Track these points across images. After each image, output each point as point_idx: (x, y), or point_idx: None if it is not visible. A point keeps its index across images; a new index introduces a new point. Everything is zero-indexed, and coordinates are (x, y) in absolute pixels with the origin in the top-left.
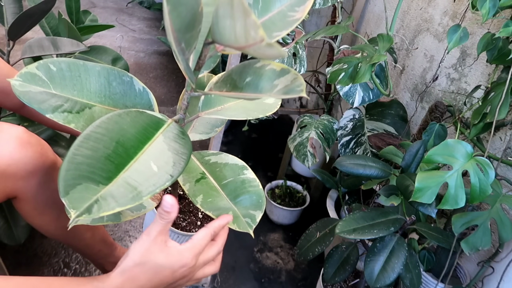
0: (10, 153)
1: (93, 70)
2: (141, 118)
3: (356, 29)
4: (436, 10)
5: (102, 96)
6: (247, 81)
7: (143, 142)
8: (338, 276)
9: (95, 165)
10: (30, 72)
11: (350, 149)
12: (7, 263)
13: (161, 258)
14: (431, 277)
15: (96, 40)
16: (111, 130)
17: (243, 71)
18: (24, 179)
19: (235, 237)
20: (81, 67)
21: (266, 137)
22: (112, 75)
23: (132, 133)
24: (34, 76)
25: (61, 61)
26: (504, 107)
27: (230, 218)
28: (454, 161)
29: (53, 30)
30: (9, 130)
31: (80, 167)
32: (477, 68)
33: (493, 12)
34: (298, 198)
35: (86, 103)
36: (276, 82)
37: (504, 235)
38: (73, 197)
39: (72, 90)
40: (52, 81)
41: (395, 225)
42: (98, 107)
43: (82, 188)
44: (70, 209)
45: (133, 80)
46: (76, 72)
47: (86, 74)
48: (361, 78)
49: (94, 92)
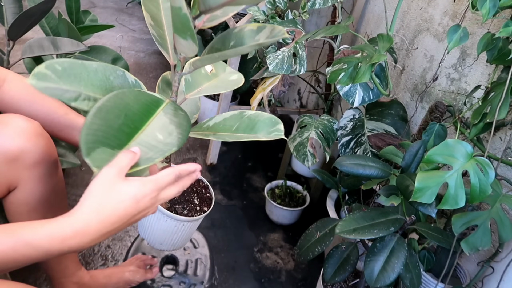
0: (25, 141)
1: (91, 68)
2: (143, 96)
3: (356, 29)
4: (436, 10)
5: (104, 89)
6: (232, 44)
7: (147, 116)
8: (338, 276)
9: (109, 132)
10: (41, 72)
11: (350, 149)
12: None
13: (125, 187)
14: (431, 277)
15: (96, 40)
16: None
17: (225, 39)
18: (30, 168)
19: (235, 237)
20: (80, 65)
21: None
22: (108, 71)
23: (136, 108)
24: (45, 75)
25: (64, 61)
26: (504, 107)
27: (198, 167)
28: (454, 161)
29: (53, 30)
30: (26, 121)
31: (96, 133)
32: (477, 68)
33: (493, 12)
34: (298, 198)
35: (93, 96)
36: (257, 37)
37: (504, 235)
38: (94, 157)
39: (79, 86)
40: (61, 79)
41: (395, 225)
42: None
43: (100, 151)
44: (93, 168)
45: (125, 74)
46: (78, 70)
47: (86, 71)
48: (361, 78)
49: (97, 86)
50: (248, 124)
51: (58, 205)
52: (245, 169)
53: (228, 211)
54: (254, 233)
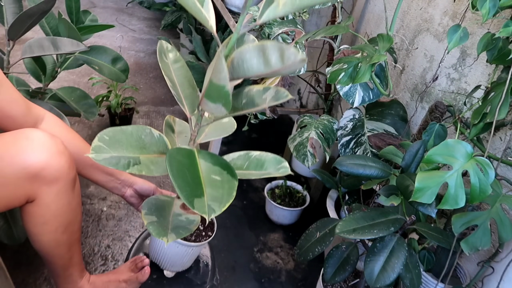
0: (48, 158)
1: (128, 131)
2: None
3: (356, 29)
4: (436, 10)
5: (139, 148)
6: (244, 102)
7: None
8: (338, 276)
9: (190, 185)
10: (96, 145)
11: (350, 149)
12: (7, 263)
13: None
14: (431, 277)
15: (96, 40)
16: (180, 162)
17: (238, 97)
18: (49, 184)
19: (235, 237)
20: (120, 131)
21: (266, 137)
22: (140, 131)
23: (186, 161)
24: (100, 147)
25: (109, 131)
26: (504, 107)
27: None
28: (454, 161)
29: (53, 30)
30: (49, 138)
31: (185, 190)
32: (477, 68)
33: (493, 12)
34: (298, 198)
35: (135, 156)
36: (264, 96)
37: (504, 235)
38: (198, 207)
39: (122, 149)
40: (111, 147)
41: (395, 225)
42: (142, 157)
43: (197, 201)
44: (204, 215)
45: (151, 131)
46: (119, 136)
47: (125, 135)
48: (361, 78)
49: (135, 146)
50: (257, 163)
51: (73, 220)
52: None
53: (228, 211)
54: (254, 233)
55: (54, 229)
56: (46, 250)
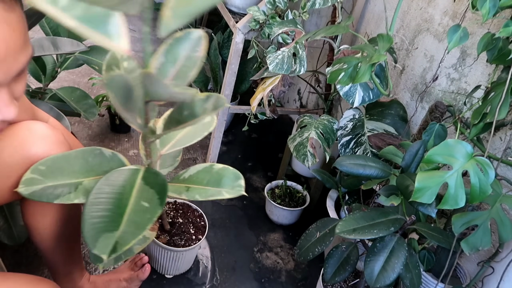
0: (49, 149)
1: (70, 157)
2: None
3: (356, 29)
4: (436, 10)
5: (85, 172)
6: (185, 114)
7: (131, 188)
8: (338, 276)
9: (106, 221)
10: (28, 178)
11: (350, 149)
12: (7, 263)
13: None
14: (431, 277)
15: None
16: (107, 191)
17: (180, 109)
18: None
19: (235, 237)
20: (60, 158)
21: (266, 137)
22: (86, 153)
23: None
24: (32, 179)
25: (46, 160)
26: (504, 107)
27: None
28: (454, 161)
29: (53, 30)
30: (50, 129)
31: (96, 226)
32: (477, 68)
33: (493, 12)
34: (298, 198)
35: (76, 182)
36: (206, 106)
37: (504, 235)
38: (99, 246)
39: (62, 177)
40: (46, 177)
41: (395, 225)
42: (86, 181)
43: (103, 239)
44: (101, 255)
45: (101, 151)
46: (59, 163)
47: (66, 161)
48: (361, 78)
49: (78, 171)
50: (216, 178)
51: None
52: (245, 169)
53: (228, 211)
54: (254, 233)
55: (54, 221)
56: (46, 245)
